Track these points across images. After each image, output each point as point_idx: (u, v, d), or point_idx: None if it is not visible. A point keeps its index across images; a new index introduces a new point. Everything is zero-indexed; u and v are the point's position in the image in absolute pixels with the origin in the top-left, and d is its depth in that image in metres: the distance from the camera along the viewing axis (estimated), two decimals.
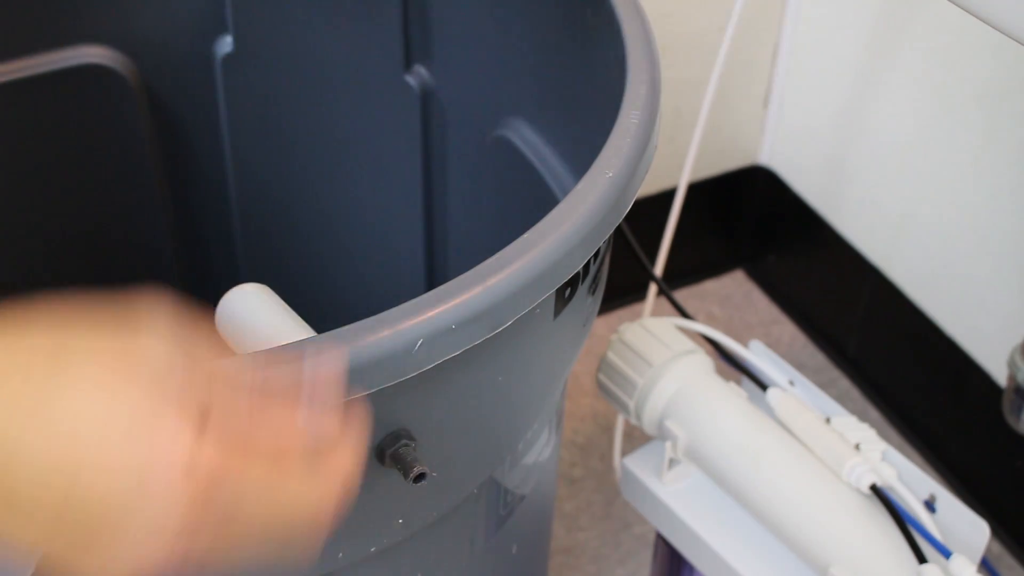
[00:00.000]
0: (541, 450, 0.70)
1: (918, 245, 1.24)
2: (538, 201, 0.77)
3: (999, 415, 0.98)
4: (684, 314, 0.88)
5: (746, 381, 0.85)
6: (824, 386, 1.35)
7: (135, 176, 0.93)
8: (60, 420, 0.37)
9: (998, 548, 1.20)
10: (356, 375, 0.48)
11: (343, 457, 0.43)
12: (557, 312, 0.59)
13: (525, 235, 0.53)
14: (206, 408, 0.39)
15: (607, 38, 0.66)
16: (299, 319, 0.84)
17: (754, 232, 1.48)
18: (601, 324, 1.39)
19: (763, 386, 0.82)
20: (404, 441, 0.54)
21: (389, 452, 0.54)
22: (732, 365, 0.86)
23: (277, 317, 0.84)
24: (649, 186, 1.36)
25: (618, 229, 0.62)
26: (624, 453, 0.87)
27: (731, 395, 0.81)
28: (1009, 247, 1.13)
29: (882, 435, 0.85)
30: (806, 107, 1.35)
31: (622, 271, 1.04)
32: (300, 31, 0.88)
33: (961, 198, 1.17)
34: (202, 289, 0.98)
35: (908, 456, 1.26)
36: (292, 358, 0.44)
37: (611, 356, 0.84)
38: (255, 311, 0.85)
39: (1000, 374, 1.17)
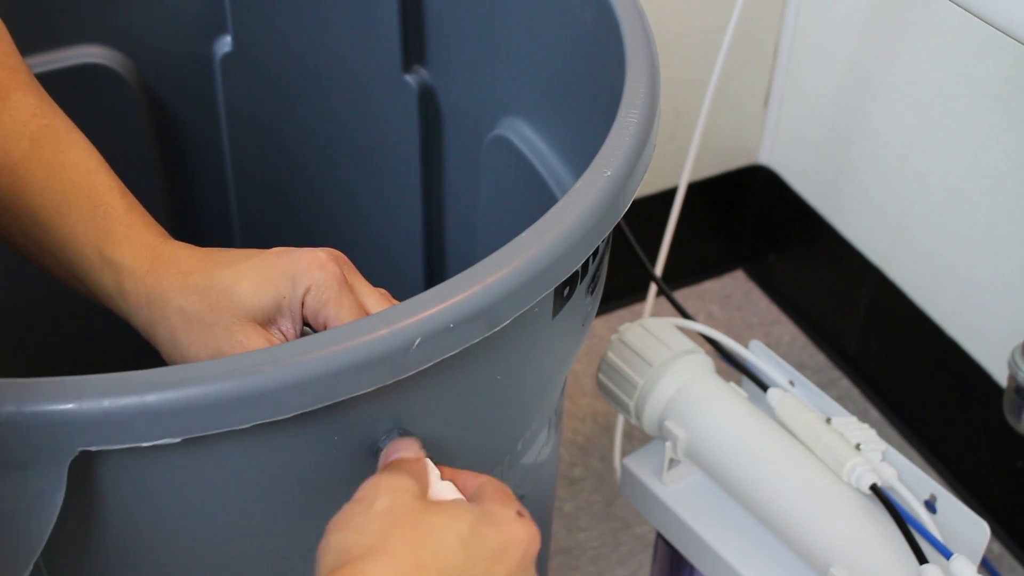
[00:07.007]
0: (540, 450, 0.70)
1: (919, 245, 1.23)
2: (537, 200, 0.77)
3: (1000, 415, 0.98)
4: (684, 314, 0.88)
5: (746, 381, 0.84)
6: (824, 386, 1.35)
7: (134, 176, 0.92)
8: None
9: (999, 548, 1.20)
10: (354, 374, 0.48)
11: None
12: (556, 311, 0.59)
13: (523, 234, 0.53)
14: None
15: (606, 37, 0.66)
16: None
17: (754, 232, 1.48)
18: (601, 324, 1.39)
19: (763, 386, 0.82)
20: None
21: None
22: (732, 365, 0.86)
23: None
24: (649, 186, 1.36)
25: (618, 229, 0.62)
26: (624, 453, 0.87)
27: (731, 395, 0.81)
28: (1010, 247, 1.13)
29: (882, 435, 0.85)
30: (806, 106, 1.35)
31: (622, 271, 1.04)
32: (299, 31, 0.88)
33: (962, 197, 1.16)
34: None
35: (908, 456, 1.25)
36: None
37: (611, 356, 0.84)
38: None
39: (1000, 374, 1.17)
